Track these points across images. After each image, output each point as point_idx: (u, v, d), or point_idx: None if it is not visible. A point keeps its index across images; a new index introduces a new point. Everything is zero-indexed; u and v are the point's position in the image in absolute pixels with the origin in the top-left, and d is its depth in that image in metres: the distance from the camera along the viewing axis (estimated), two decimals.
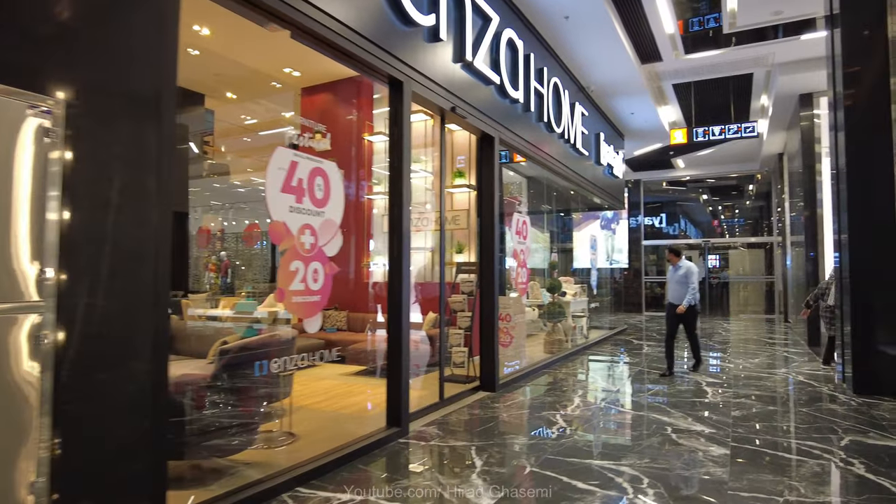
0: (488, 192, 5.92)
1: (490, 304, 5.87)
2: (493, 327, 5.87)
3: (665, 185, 19.35)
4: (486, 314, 5.91)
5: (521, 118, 6.69)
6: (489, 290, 5.88)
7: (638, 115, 11.01)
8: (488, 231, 5.89)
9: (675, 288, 6.87)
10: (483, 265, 5.94)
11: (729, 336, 10.96)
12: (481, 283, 5.95)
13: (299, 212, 3.39)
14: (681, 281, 6.79)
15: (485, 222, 5.93)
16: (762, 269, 18.98)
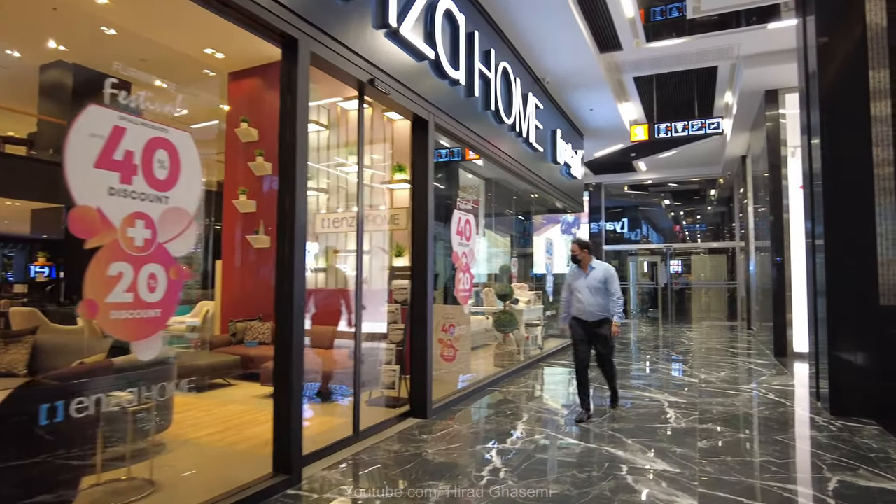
0: (421, 185, 5.10)
1: (422, 314, 5.03)
2: (426, 342, 5.03)
3: (627, 189, 18.92)
4: (417, 326, 5.07)
5: (463, 104, 5.90)
6: (421, 298, 5.04)
7: (598, 112, 10.37)
8: (421, 230, 5.06)
9: (589, 297, 5.04)
10: (415, 269, 5.11)
11: (691, 345, 10.38)
12: (413, 290, 5.11)
13: (125, 195, 2.48)
14: (596, 288, 5.04)
15: (417, 219, 5.10)
16: (724, 275, 18.67)
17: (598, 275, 5.07)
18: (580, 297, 5.08)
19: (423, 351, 5.01)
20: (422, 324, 5.02)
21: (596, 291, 5.03)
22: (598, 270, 5.09)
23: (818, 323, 5.53)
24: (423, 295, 5.02)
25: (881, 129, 5.15)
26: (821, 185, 5.35)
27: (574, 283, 5.17)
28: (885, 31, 5.18)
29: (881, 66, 5.19)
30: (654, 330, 13.72)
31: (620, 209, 20.77)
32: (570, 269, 5.33)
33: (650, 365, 8.05)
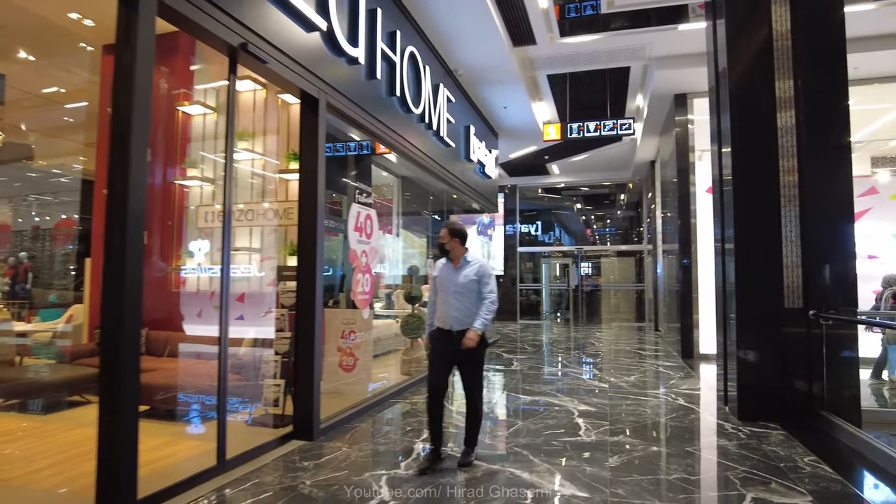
0: (310, 173, 4.47)
1: (308, 320, 4.40)
2: (312, 352, 4.41)
3: (540, 193, 19.02)
4: (302, 334, 4.44)
5: (364, 87, 5.33)
6: (308, 302, 4.41)
7: (512, 111, 10.12)
8: (309, 224, 4.44)
9: (457, 301, 3.83)
10: (302, 269, 4.47)
11: (601, 346, 10.34)
12: (299, 293, 4.48)
13: None
14: (468, 288, 3.84)
15: (305, 213, 4.47)
16: (632, 277, 19.18)
17: (472, 271, 3.87)
18: (445, 298, 3.88)
19: (310, 362, 4.38)
20: (308, 332, 4.40)
21: (466, 292, 3.83)
22: (473, 266, 3.90)
23: (727, 326, 5.43)
24: (310, 299, 4.40)
25: (786, 140, 5.10)
26: (731, 189, 5.24)
27: (441, 281, 3.95)
28: (791, 40, 5.15)
29: (786, 76, 5.15)
30: (566, 331, 13.73)
31: (534, 212, 20.91)
32: (437, 265, 4.09)
33: (561, 368, 7.82)
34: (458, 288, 3.84)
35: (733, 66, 5.31)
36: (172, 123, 6.98)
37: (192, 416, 5.04)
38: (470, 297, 3.84)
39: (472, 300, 3.84)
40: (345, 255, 6.84)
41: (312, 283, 4.39)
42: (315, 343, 4.39)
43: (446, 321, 3.84)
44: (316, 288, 4.39)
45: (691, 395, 5.98)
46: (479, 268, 3.91)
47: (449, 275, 3.91)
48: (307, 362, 4.39)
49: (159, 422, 4.98)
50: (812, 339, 4.84)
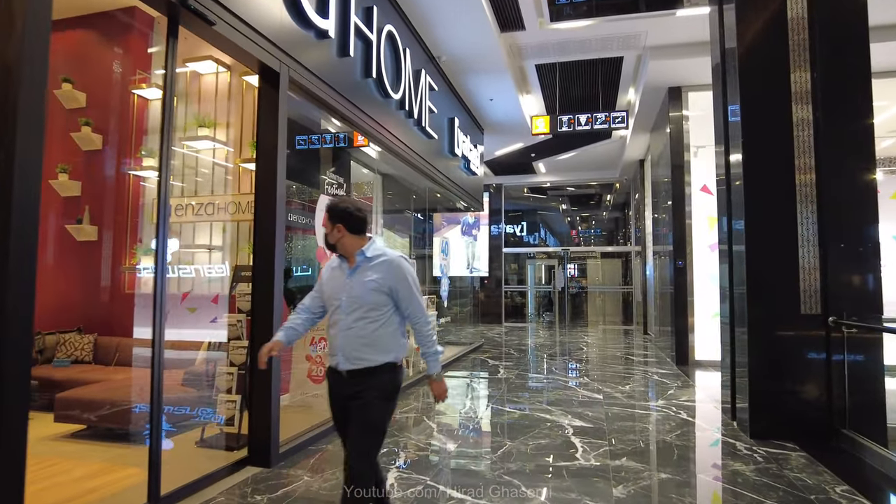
0: (268, 158, 3.89)
1: (265, 327, 3.81)
2: (269, 365, 3.82)
3: (526, 193, 18.56)
4: (259, 342, 3.84)
5: (335, 65, 4.76)
6: (265, 307, 3.82)
7: (498, 104, 9.60)
8: (267, 218, 3.85)
9: (347, 323, 2.42)
10: (258, 269, 3.89)
11: (590, 351, 9.86)
12: (254, 295, 3.89)
13: None
14: (366, 302, 2.42)
15: (262, 205, 3.88)
16: (619, 279, 18.79)
17: (376, 275, 2.42)
18: (331, 317, 2.51)
19: (266, 375, 3.80)
20: (264, 340, 3.80)
21: (363, 308, 2.40)
22: (376, 265, 2.44)
23: (734, 333, 4.95)
24: (267, 302, 3.81)
25: (802, 134, 4.62)
26: (741, 187, 4.75)
27: (328, 292, 2.53)
28: (807, 25, 4.68)
29: (802, 65, 4.67)
30: (552, 334, 13.25)
31: (520, 212, 20.47)
32: (327, 266, 2.63)
33: (550, 376, 7.30)
34: (350, 301, 2.39)
35: (743, 54, 4.82)
36: (126, 109, 6.34)
37: (137, 436, 4.42)
38: (371, 318, 2.37)
39: (373, 323, 2.38)
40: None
41: (270, 285, 3.80)
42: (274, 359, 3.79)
43: (334, 356, 2.43)
44: (274, 290, 3.80)
45: (693, 408, 5.49)
46: (387, 269, 2.41)
47: (338, 281, 2.46)
48: (264, 375, 3.80)
49: (98, 443, 4.35)
50: (832, 348, 4.36)
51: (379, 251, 2.48)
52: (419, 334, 2.55)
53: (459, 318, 14.39)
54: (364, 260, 2.45)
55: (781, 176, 4.62)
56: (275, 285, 3.80)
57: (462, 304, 15.34)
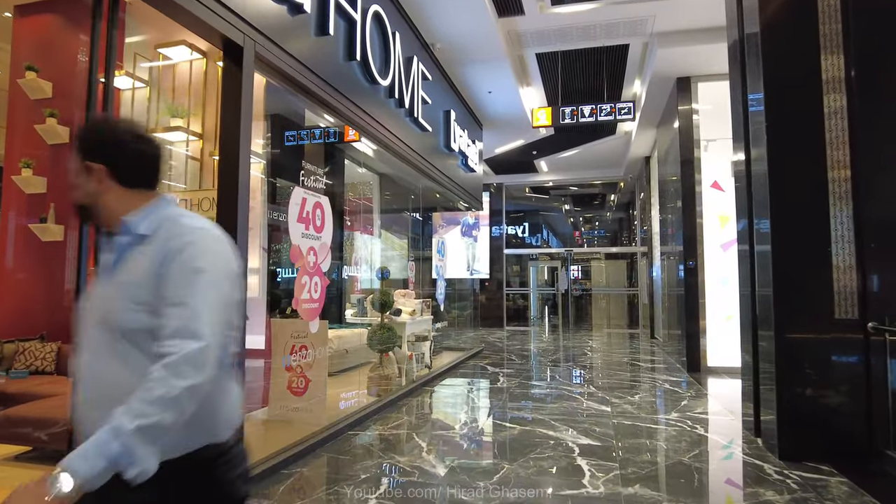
0: (230, 148, 3.41)
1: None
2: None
3: (528, 192, 18.09)
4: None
5: (312, 44, 4.29)
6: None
7: (497, 97, 9.13)
8: (229, 214, 3.38)
9: (86, 360, 1.25)
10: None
11: (596, 357, 9.36)
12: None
13: None
14: (129, 321, 1.20)
15: (224, 196, 3.41)
16: (624, 281, 18.29)
17: (145, 262, 1.24)
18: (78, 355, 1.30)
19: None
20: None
21: (115, 330, 1.23)
22: (153, 249, 1.25)
23: (756, 339, 4.46)
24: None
25: (836, 125, 4.13)
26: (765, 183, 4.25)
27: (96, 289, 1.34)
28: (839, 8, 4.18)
29: (835, 49, 4.18)
30: (555, 338, 12.75)
31: (521, 213, 19.99)
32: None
33: (553, 385, 6.81)
34: (94, 320, 1.29)
35: (766, 37, 4.31)
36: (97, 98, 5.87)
37: None
38: (116, 349, 1.23)
39: (119, 357, 1.23)
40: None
41: None
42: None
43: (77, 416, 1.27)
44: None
45: (711, 422, 4.99)
46: (165, 250, 1.23)
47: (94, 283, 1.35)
48: None
49: (43, 467, 3.87)
50: (871, 357, 3.87)
51: (162, 219, 1.30)
52: (156, 378, 1.12)
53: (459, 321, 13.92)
54: (131, 239, 1.28)
55: (810, 170, 4.12)
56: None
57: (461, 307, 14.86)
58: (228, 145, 3.41)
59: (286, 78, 4.05)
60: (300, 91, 4.30)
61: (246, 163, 3.42)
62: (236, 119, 3.39)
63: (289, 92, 4.39)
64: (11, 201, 6.09)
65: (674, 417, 5.14)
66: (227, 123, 3.42)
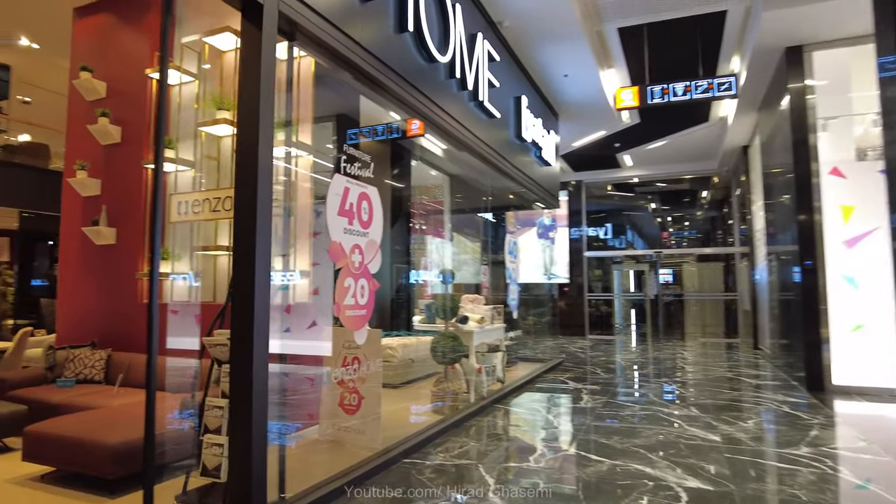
0: (247, 124, 2.87)
1: (245, 346, 2.77)
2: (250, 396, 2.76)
3: (610, 190, 16.91)
4: (236, 365, 2.82)
5: (355, 9, 3.72)
6: (244, 320, 2.79)
7: (574, 81, 8.28)
8: (246, 202, 2.83)
9: None
10: (238, 265, 2.86)
11: (693, 371, 8.23)
12: (234, 305, 2.86)
13: None
14: None
15: (241, 186, 2.87)
16: (720, 285, 16.68)
17: None
18: None
19: (246, 408, 2.75)
20: (243, 362, 2.77)
21: None
22: None
23: None
24: (246, 315, 2.77)
25: None
26: None
27: None
28: None
29: None
30: (643, 349, 11.59)
31: (603, 213, 18.77)
32: None
33: (647, 406, 5.87)
34: None
35: None
36: (144, 96, 5.64)
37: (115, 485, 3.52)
38: None
39: None
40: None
41: (249, 289, 2.76)
42: (255, 380, 2.75)
43: None
44: (255, 296, 2.76)
45: (858, 464, 3.93)
46: None
47: None
48: (242, 409, 2.76)
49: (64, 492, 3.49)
50: None
51: None
52: None
53: (536, 329, 13.05)
54: None
55: None
56: (255, 289, 2.76)
57: (539, 314, 13.98)
58: (246, 128, 2.86)
59: (326, 48, 3.49)
60: (340, 63, 3.73)
61: (267, 150, 2.85)
62: (255, 94, 2.84)
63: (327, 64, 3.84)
64: (72, 205, 5.97)
65: (805, 453, 4.11)
66: (245, 100, 2.88)
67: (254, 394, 2.71)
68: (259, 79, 2.82)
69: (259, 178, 2.79)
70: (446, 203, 13.13)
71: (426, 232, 13.11)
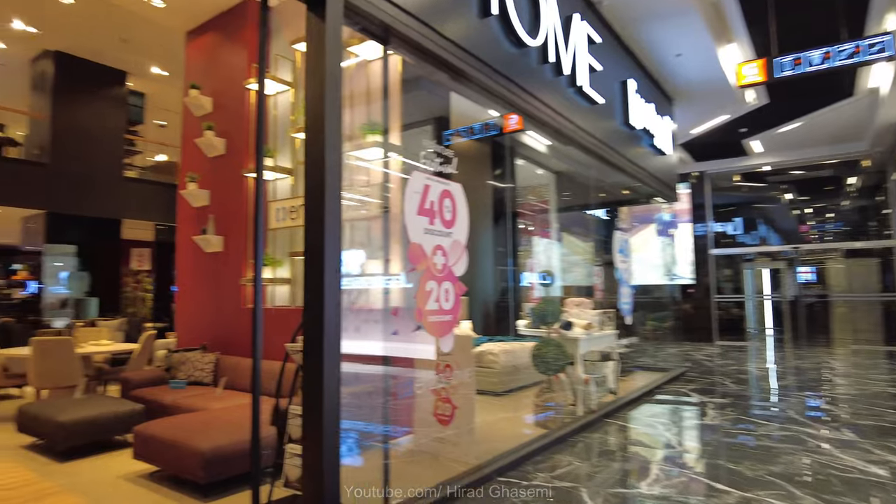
0: (314, 117, 2.71)
1: (316, 353, 2.61)
2: (321, 405, 2.59)
3: (738, 181, 15.39)
4: (309, 374, 2.66)
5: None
6: (316, 323, 2.62)
7: (689, 60, 7.48)
8: (315, 202, 2.67)
9: None
10: (310, 272, 2.71)
11: (844, 384, 7.07)
12: (306, 313, 2.71)
13: None
14: None
15: (310, 184, 2.72)
16: (874, 285, 14.53)
17: None
18: None
19: (317, 420, 2.58)
20: (315, 370, 2.61)
21: None
22: None
23: None
24: (316, 319, 2.61)
25: None
26: None
27: None
28: None
29: None
30: (782, 357, 10.29)
31: (731, 206, 17.14)
32: None
33: (784, 427, 5.06)
34: None
35: None
36: (244, 106, 5.82)
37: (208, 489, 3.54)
38: None
39: None
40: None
41: (319, 295, 2.60)
42: (327, 390, 2.57)
43: None
44: (325, 300, 2.59)
45: None
46: None
47: None
48: (314, 419, 2.60)
49: (167, 492, 3.56)
50: None
51: None
52: None
53: (656, 335, 12.09)
54: None
55: None
56: (325, 293, 2.59)
57: (660, 318, 12.96)
58: (313, 118, 2.71)
59: (400, 38, 3.28)
60: (421, 54, 3.50)
61: (333, 138, 2.68)
62: (319, 91, 2.68)
63: (410, 59, 3.64)
64: (185, 215, 6.32)
65: None
66: (311, 91, 2.73)
67: (325, 402, 2.54)
68: (324, 76, 2.66)
69: (327, 182, 2.62)
70: (552, 202, 12.62)
71: (532, 233, 12.67)
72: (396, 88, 4.74)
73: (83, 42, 9.13)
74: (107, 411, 4.30)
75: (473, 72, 3.89)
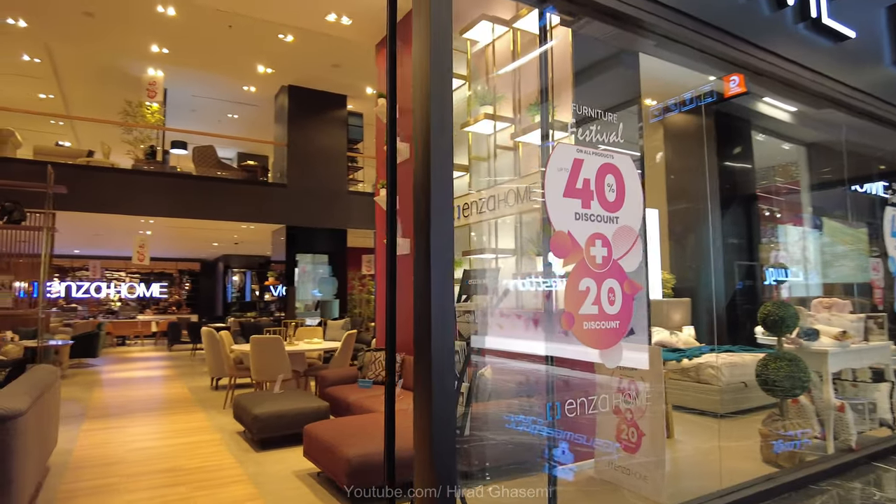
0: (422, 87, 2.36)
1: (423, 363, 2.23)
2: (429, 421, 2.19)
3: None
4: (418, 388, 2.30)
5: None
6: (424, 333, 2.25)
7: None
8: (422, 190, 2.31)
9: None
10: (419, 265, 2.36)
11: None
12: (417, 319, 2.35)
13: None
14: None
15: (419, 168, 2.36)
16: None
17: None
18: None
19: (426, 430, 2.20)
20: (423, 381, 2.24)
21: None
22: None
23: None
24: (425, 324, 2.24)
25: None
26: None
27: None
28: None
29: None
30: None
31: None
32: None
33: None
34: None
35: None
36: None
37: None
38: None
39: None
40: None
41: (426, 299, 2.22)
42: (435, 406, 2.18)
43: None
44: (435, 301, 2.20)
45: None
46: None
47: None
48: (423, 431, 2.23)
49: (325, 495, 3.53)
50: None
51: None
52: None
53: None
54: None
55: None
56: (432, 298, 2.20)
57: None
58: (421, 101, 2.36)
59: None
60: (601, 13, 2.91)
61: (443, 113, 2.29)
62: (424, 69, 2.33)
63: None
64: (378, 221, 6.55)
65: None
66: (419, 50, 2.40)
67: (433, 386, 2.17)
68: (429, 52, 2.31)
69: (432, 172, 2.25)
70: (804, 182, 10.39)
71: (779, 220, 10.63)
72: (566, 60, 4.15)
73: (307, 73, 10.32)
74: (293, 407, 4.53)
75: (655, 20, 3.13)
